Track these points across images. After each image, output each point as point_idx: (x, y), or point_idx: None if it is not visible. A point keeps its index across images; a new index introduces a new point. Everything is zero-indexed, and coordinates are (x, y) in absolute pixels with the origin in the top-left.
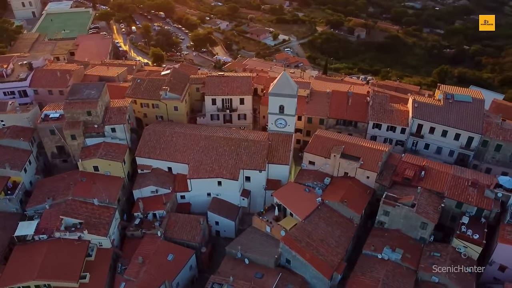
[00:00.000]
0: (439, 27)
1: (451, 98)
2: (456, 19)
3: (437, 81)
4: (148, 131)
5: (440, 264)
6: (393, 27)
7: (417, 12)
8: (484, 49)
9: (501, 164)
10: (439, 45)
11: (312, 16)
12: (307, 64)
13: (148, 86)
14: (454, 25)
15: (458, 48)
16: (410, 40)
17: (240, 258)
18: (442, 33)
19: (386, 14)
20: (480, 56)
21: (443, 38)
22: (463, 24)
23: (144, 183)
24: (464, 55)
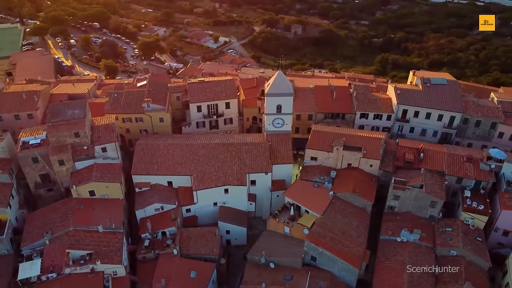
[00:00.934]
0: (363, 18)
1: (428, 82)
2: (376, 10)
3: (379, 69)
4: (140, 147)
5: (454, 238)
6: (323, 22)
7: (340, 6)
8: (408, 36)
9: (481, 138)
10: (368, 36)
11: (246, 16)
12: (254, 64)
13: (127, 100)
14: (376, 16)
15: (384, 36)
16: (342, 33)
17: (264, 264)
18: (367, 24)
19: (313, 9)
20: (405, 43)
21: (370, 29)
22: (384, 14)
23: (147, 201)
24: (391, 43)
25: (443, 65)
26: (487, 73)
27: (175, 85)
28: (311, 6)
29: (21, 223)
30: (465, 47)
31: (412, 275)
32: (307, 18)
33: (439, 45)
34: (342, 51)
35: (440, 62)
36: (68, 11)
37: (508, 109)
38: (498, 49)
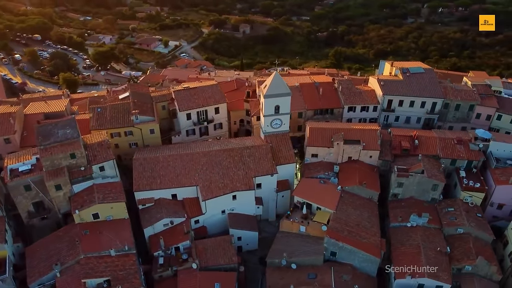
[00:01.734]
0: (303, 14)
1: (408, 72)
2: (315, 5)
3: (334, 62)
4: (138, 162)
5: (458, 217)
6: (268, 20)
7: (280, 3)
8: (350, 28)
9: (460, 121)
10: (313, 31)
11: (191, 18)
12: (209, 66)
13: (113, 114)
14: (316, 11)
15: (328, 30)
16: (288, 29)
17: (284, 266)
18: (309, 19)
19: (255, 8)
20: (348, 36)
21: (313, 24)
22: (323, 8)
23: (155, 217)
24: (335, 36)
25: (387, 55)
26: (428, 59)
27: (159, 94)
28: (252, 5)
29: (19, 259)
30: (404, 36)
31: (428, 256)
32: (251, 17)
33: (380, 35)
34: (290, 48)
35: (384, 51)
36: (4, 24)
37: (482, 91)
38: (433, 36)
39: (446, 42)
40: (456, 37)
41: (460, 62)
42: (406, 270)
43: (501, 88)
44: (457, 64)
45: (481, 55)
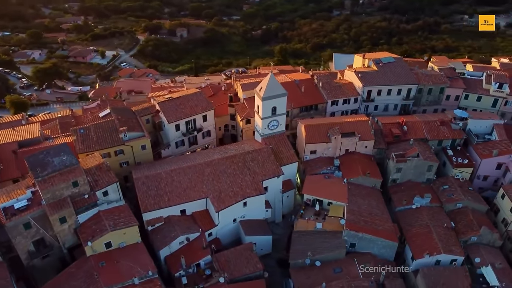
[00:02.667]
0: (233, 13)
1: (380, 62)
2: (243, 5)
3: (281, 59)
4: (140, 181)
5: (455, 193)
6: (200, 21)
7: (208, 4)
8: (282, 25)
9: (432, 104)
10: (248, 29)
11: (122, 26)
12: (155, 74)
13: (99, 134)
14: (246, 10)
15: (262, 28)
16: (223, 30)
17: (308, 264)
18: (240, 19)
19: (184, 11)
20: (282, 32)
21: (245, 23)
22: (251, 7)
23: (169, 237)
24: (270, 33)
25: (324, 47)
26: (361, 48)
27: (141, 108)
28: (181, 8)
29: None
30: (335, 28)
31: (439, 233)
32: (185, 20)
33: (313, 29)
34: (230, 48)
35: (320, 45)
36: None
37: (449, 74)
38: (362, 26)
39: (374, 31)
40: (382, 26)
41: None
42: (424, 250)
43: (464, 70)
44: (408, 51)
45: (408, 41)
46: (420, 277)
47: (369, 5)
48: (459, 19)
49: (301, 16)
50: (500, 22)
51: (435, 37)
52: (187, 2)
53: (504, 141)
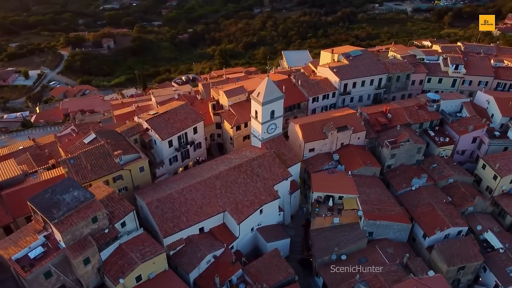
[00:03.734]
0: (152, 19)
1: (350, 56)
2: (160, 9)
3: (223, 61)
4: (154, 205)
5: (444, 170)
6: (123, 30)
7: (125, 12)
8: (208, 27)
9: (400, 90)
10: (174, 34)
11: (37, 42)
12: (92, 89)
13: (92, 161)
14: (167, 14)
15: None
16: (150, 36)
17: (334, 260)
18: (162, 24)
19: (100, 20)
20: (209, 34)
21: (170, 27)
22: (171, 11)
23: (196, 258)
24: (197, 36)
25: (255, 45)
26: (292, 43)
27: (127, 129)
28: (97, 18)
29: None
30: (261, 26)
31: (442, 209)
32: (108, 30)
33: (241, 29)
34: (161, 55)
35: (251, 43)
36: None
37: (411, 61)
38: (287, 22)
39: (300, 25)
40: (306, 20)
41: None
42: (434, 227)
43: (423, 56)
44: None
45: (332, 32)
46: (436, 252)
47: (287, 0)
48: (371, 8)
49: (224, 16)
50: (406, 8)
51: (356, 27)
52: (100, 11)
53: (474, 117)
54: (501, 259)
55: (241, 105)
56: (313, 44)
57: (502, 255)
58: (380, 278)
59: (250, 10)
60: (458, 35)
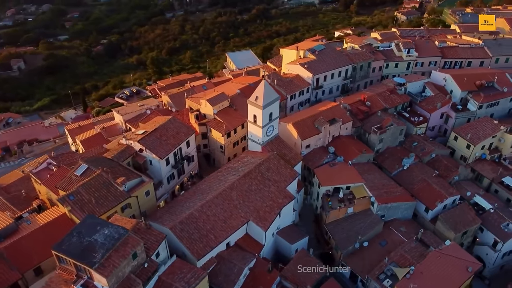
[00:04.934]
0: (57, 34)
1: (315, 51)
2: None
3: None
4: (177, 229)
5: (426, 147)
6: (31, 48)
7: (22, 28)
8: (123, 36)
9: (363, 78)
10: (88, 47)
11: None
12: (16, 117)
13: (95, 194)
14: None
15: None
16: (63, 52)
17: (356, 248)
18: (69, 38)
19: None
20: (125, 43)
21: (81, 41)
22: (76, 23)
23: (233, 274)
24: (113, 47)
25: (179, 50)
26: (216, 44)
27: (117, 153)
28: None
29: None
30: (181, 30)
31: (435, 183)
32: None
33: (160, 35)
34: (80, 70)
35: (175, 48)
36: None
37: (369, 49)
38: (205, 23)
39: (220, 26)
40: (224, 20)
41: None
42: (434, 200)
43: (378, 44)
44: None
45: (253, 30)
46: (441, 223)
47: (197, 2)
48: (281, 3)
49: (137, 24)
50: (314, 0)
51: (273, 22)
52: None
53: (438, 95)
54: (493, 218)
55: (226, 111)
56: (237, 43)
57: (493, 214)
58: (406, 256)
59: (162, 15)
60: (367, 22)
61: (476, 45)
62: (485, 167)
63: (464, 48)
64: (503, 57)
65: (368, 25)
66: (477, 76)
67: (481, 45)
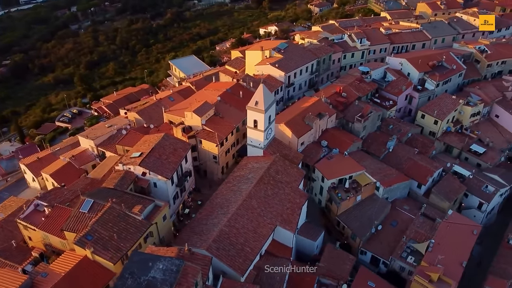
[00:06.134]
0: None
1: (281, 49)
2: None
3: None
4: (213, 249)
5: (402, 128)
6: None
7: None
8: (28, 54)
9: (325, 71)
10: None
11: None
12: None
13: (114, 229)
14: None
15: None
16: None
17: (372, 233)
18: None
19: None
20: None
21: None
22: None
23: (276, 283)
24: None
25: (99, 63)
26: (138, 52)
27: (118, 181)
28: None
29: None
30: (95, 42)
31: (420, 159)
32: None
33: (73, 49)
34: None
35: (94, 62)
36: None
37: (326, 43)
38: (119, 32)
39: (137, 33)
40: (140, 27)
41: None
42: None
43: (333, 37)
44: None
45: (174, 35)
46: (435, 195)
47: (103, 11)
48: (192, 5)
49: (41, 39)
50: (225, 0)
51: (191, 25)
52: None
53: (400, 78)
54: (474, 183)
55: (213, 120)
56: (161, 50)
57: (473, 179)
58: (420, 231)
59: (66, 28)
60: (283, 16)
61: (416, 29)
62: (452, 139)
63: (407, 33)
64: (440, 38)
65: (289, 19)
66: (428, 57)
67: (420, 29)
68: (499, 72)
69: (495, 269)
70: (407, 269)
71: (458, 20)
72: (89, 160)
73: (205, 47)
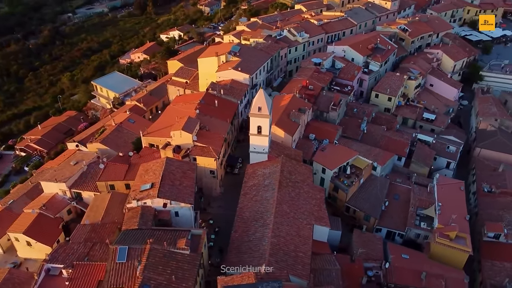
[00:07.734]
0: None
1: (235, 52)
2: None
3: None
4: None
5: (365, 109)
6: None
7: None
8: None
9: (276, 67)
10: None
11: None
12: None
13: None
14: None
15: None
16: None
17: (384, 209)
18: None
19: None
20: None
21: None
22: None
23: (334, 281)
24: None
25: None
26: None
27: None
28: None
29: None
30: None
31: (391, 135)
32: None
33: None
34: None
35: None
36: None
37: (272, 40)
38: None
39: (15, 57)
40: (15, 50)
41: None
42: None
43: (274, 33)
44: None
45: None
46: (415, 163)
47: None
48: (67, 18)
49: None
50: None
51: (76, 40)
52: None
53: (348, 64)
54: (438, 146)
55: (201, 135)
56: (51, 71)
57: (436, 144)
58: (422, 198)
59: None
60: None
61: (341, 17)
62: (405, 111)
63: (336, 22)
64: (363, 23)
65: (187, 22)
66: (364, 42)
67: (345, 17)
68: (419, 47)
69: (483, 217)
70: (423, 234)
71: (373, 5)
72: (63, 206)
73: (106, 62)
